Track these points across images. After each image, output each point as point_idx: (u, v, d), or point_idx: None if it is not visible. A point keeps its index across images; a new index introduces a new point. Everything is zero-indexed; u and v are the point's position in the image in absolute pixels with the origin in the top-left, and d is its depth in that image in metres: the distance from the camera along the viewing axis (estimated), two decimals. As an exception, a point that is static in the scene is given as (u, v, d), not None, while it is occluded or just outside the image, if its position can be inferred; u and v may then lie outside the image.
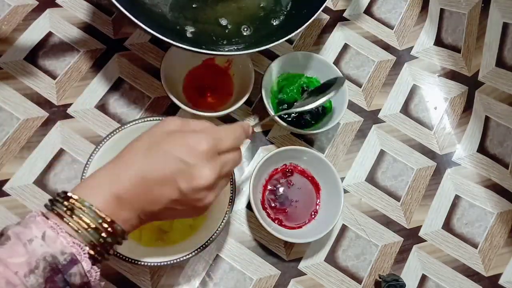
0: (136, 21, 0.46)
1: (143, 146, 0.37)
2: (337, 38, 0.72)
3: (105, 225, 0.33)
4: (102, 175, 0.36)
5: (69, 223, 0.32)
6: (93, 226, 0.33)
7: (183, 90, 0.62)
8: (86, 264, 0.32)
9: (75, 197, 0.33)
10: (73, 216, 0.33)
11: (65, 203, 0.33)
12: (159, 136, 0.37)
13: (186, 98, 0.61)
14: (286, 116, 0.62)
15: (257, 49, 0.52)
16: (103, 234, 0.33)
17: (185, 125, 0.39)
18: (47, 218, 0.33)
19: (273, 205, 0.59)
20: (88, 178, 0.36)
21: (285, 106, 0.63)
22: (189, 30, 0.56)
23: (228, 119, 0.64)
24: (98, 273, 0.34)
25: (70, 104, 0.61)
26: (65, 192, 0.34)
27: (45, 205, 0.35)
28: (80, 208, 0.33)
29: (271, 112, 0.58)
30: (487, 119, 0.66)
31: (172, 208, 0.37)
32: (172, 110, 0.63)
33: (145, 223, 0.38)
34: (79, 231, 0.32)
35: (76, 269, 0.32)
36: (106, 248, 0.34)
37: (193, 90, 0.62)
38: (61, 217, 0.33)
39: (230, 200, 0.51)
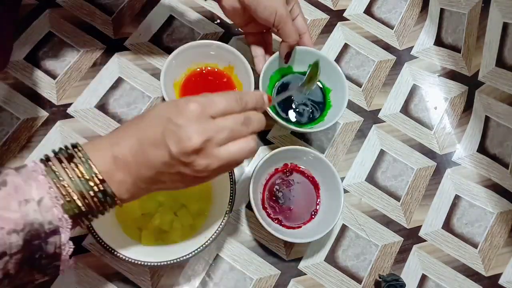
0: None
1: (139, 115, 0.38)
2: (337, 38, 0.72)
3: (97, 180, 0.34)
4: (104, 138, 0.37)
5: (66, 169, 0.34)
6: (86, 177, 0.34)
7: (183, 93, 0.62)
8: (64, 236, 0.33)
9: (80, 148, 0.35)
10: (71, 163, 0.34)
11: (69, 150, 0.35)
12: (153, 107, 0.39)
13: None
14: (291, 109, 0.62)
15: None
16: (95, 188, 0.34)
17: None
18: (47, 161, 0.34)
19: (273, 205, 0.59)
20: (92, 140, 0.38)
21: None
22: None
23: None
24: (71, 250, 0.35)
25: (70, 104, 0.61)
26: (76, 143, 0.36)
27: (53, 150, 0.36)
28: (80, 158, 0.35)
29: (269, 111, 0.58)
30: (487, 119, 0.66)
31: (166, 173, 0.36)
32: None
33: (144, 193, 0.38)
34: (72, 179, 0.34)
35: (54, 239, 0.33)
36: (96, 204, 0.35)
37: (193, 93, 0.62)
38: (60, 161, 0.34)
39: (230, 200, 0.51)
